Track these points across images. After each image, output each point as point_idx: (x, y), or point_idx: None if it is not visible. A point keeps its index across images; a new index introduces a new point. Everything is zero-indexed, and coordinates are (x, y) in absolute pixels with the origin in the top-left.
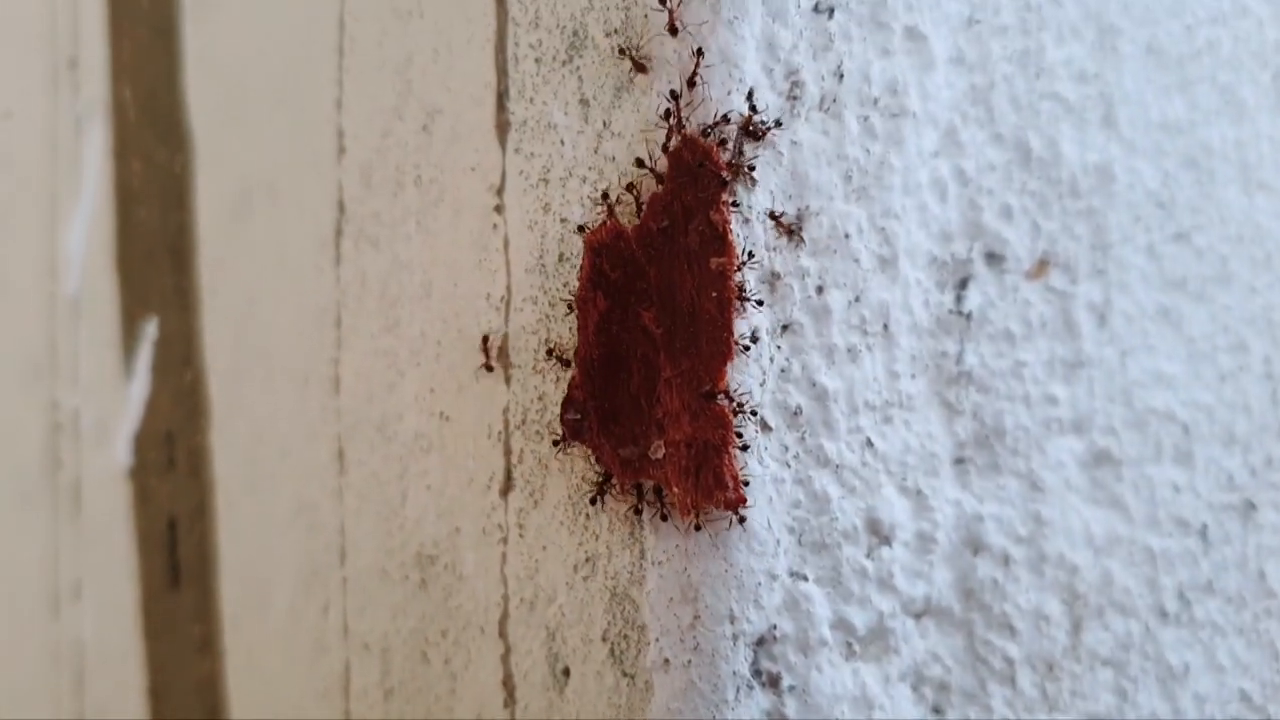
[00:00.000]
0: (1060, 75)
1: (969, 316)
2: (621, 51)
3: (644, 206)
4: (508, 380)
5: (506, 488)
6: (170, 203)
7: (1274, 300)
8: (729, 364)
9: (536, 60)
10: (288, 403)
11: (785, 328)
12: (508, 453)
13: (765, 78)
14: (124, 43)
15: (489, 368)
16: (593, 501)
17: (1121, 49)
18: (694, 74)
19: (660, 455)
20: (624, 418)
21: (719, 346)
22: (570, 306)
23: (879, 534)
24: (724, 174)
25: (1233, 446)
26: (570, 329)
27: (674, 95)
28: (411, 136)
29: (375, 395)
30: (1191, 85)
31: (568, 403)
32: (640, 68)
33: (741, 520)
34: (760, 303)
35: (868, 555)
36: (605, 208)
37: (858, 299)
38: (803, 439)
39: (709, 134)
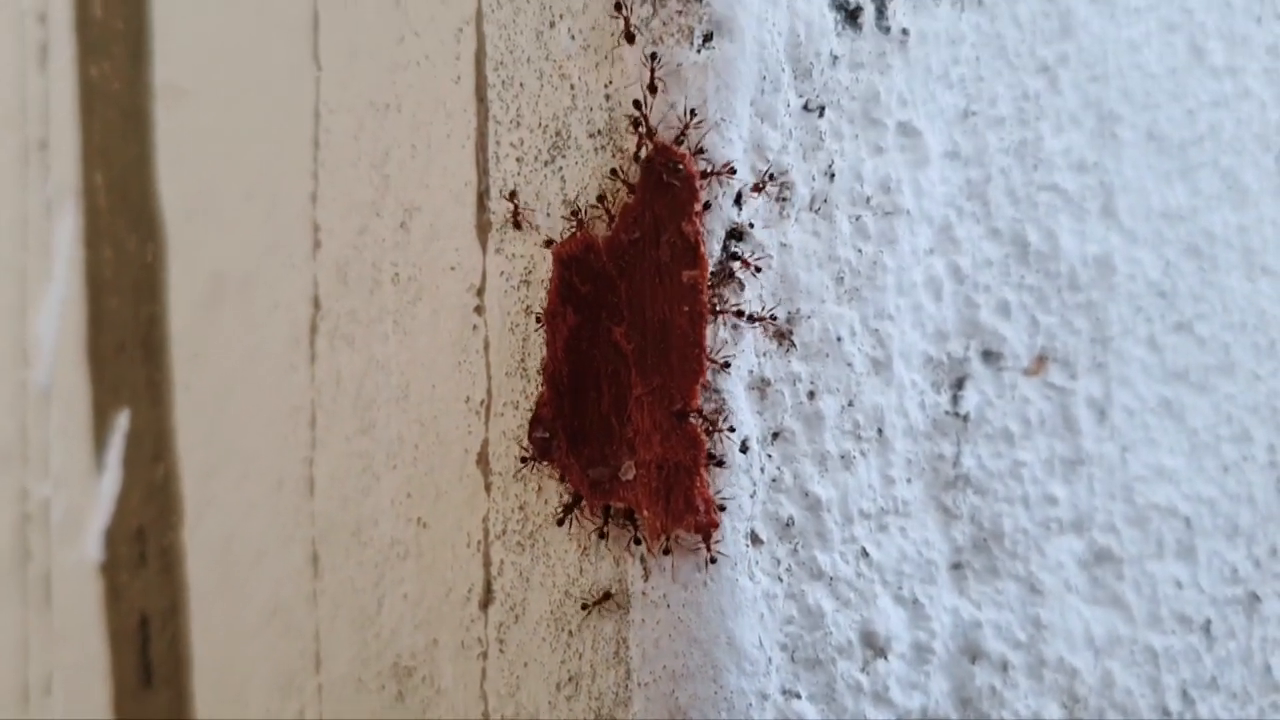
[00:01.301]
0: (1059, 165)
1: (966, 418)
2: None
3: (615, 218)
4: (487, 488)
5: (486, 600)
6: (142, 293)
7: (1278, 387)
8: (701, 381)
9: (518, 159)
10: (261, 503)
11: (776, 435)
12: (487, 564)
13: (754, 179)
14: (95, 125)
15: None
16: (560, 523)
17: (1122, 136)
18: (652, 79)
19: (630, 476)
20: (594, 437)
21: (691, 363)
22: (538, 319)
23: (874, 646)
24: (695, 182)
25: (1236, 539)
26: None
27: (637, 104)
28: (389, 233)
29: (350, 499)
30: (1193, 171)
31: (535, 421)
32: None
33: (713, 560)
34: (741, 313)
35: (863, 669)
36: (575, 221)
37: (851, 403)
38: (795, 551)
39: (681, 140)
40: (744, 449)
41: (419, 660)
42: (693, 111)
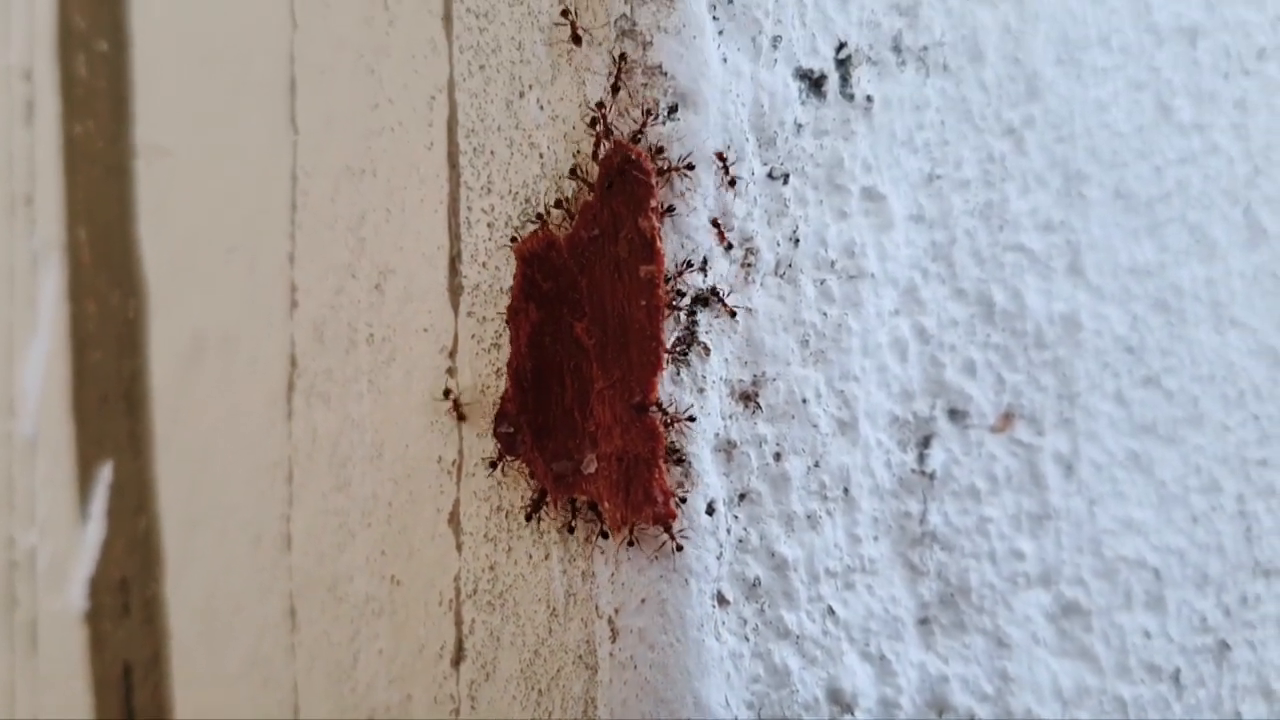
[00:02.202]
0: (1025, 226)
1: (932, 475)
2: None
3: (575, 216)
4: (459, 547)
5: (458, 658)
6: (124, 347)
7: (1247, 437)
8: (659, 374)
9: (489, 225)
10: (240, 557)
11: (743, 497)
12: (459, 622)
13: (719, 245)
14: (78, 181)
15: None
16: (528, 518)
17: (1089, 195)
18: (616, 80)
19: (593, 470)
20: (557, 431)
21: (649, 356)
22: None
23: (841, 703)
24: (651, 179)
25: (1206, 588)
26: (522, 496)
27: (599, 105)
28: (364, 295)
29: (327, 555)
30: (1161, 227)
31: (500, 416)
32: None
33: (679, 548)
34: (693, 313)
35: None
36: (536, 218)
37: (817, 464)
38: (762, 611)
39: (638, 139)
40: (710, 511)
41: (394, 714)
42: (649, 110)
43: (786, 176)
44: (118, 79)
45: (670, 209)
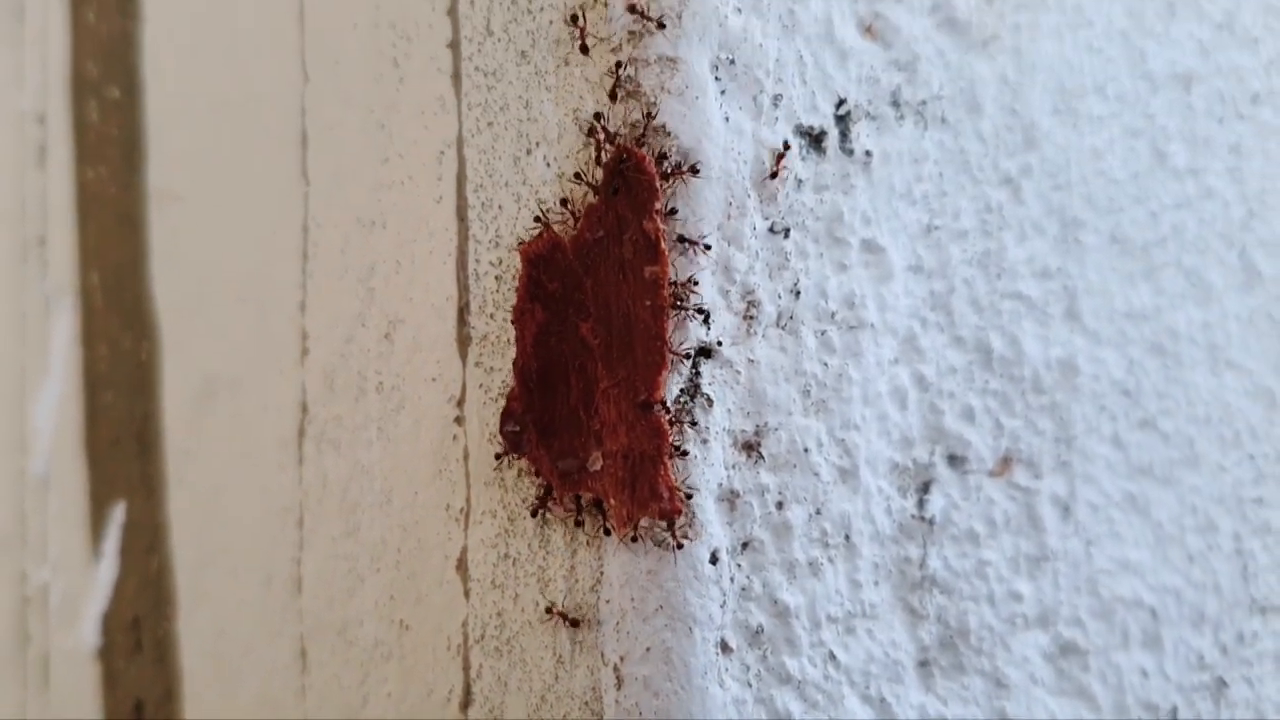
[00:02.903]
0: (1022, 273)
1: (931, 521)
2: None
3: (580, 219)
4: (466, 593)
5: (466, 702)
6: (136, 390)
7: (1243, 477)
8: (664, 373)
9: (497, 278)
10: (251, 598)
11: (745, 545)
12: (466, 667)
13: (722, 299)
14: (91, 226)
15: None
16: (534, 514)
17: (1085, 241)
18: (614, 88)
19: (598, 467)
20: (563, 430)
21: (654, 355)
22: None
23: None
24: (655, 181)
25: (1203, 626)
26: (528, 544)
27: (598, 116)
28: (374, 344)
29: (336, 598)
30: (1157, 271)
31: (506, 415)
32: None
33: (679, 546)
34: (702, 311)
35: None
36: (541, 222)
37: (819, 512)
38: (764, 658)
39: (641, 142)
40: (714, 560)
41: None
42: (650, 114)
43: (787, 231)
44: (130, 125)
45: (673, 211)
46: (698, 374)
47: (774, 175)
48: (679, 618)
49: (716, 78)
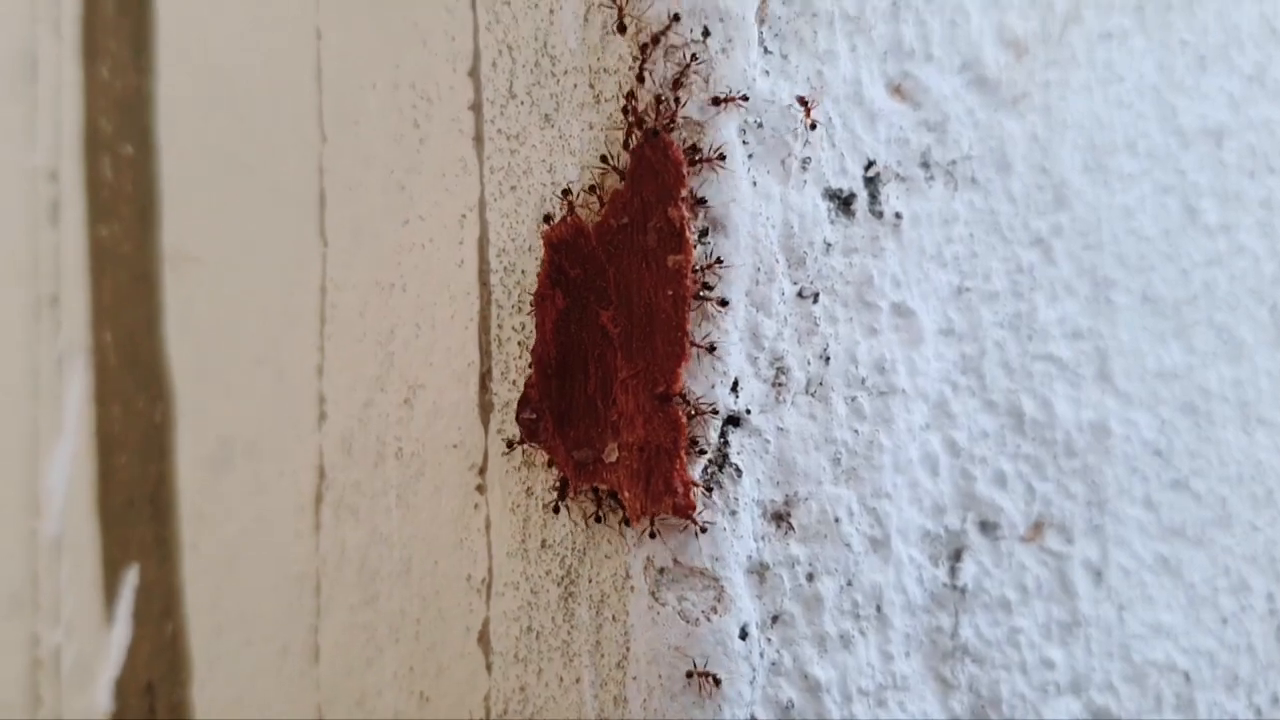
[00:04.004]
0: (1054, 335)
1: (963, 589)
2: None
3: (605, 204)
4: (489, 667)
5: None
6: (151, 451)
7: (1276, 536)
8: (684, 365)
9: (520, 344)
10: (268, 666)
11: (775, 619)
12: None
13: (750, 366)
14: (104, 284)
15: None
16: (555, 510)
17: (1116, 301)
18: (642, 69)
19: (614, 459)
20: (579, 419)
21: (674, 347)
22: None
23: None
24: (682, 168)
25: (1236, 689)
26: (552, 618)
27: (630, 95)
28: (393, 409)
29: (354, 669)
30: (1188, 329)
31: (523, 402)
32: None
33: (703, 530)
34: (724, 303)
35: None
36: (566, 204)
37: (850, 583)
38: None
39: (670, 127)
40: (743, 635)
41: None
42: (678, 99)
43: (816, 295)
44: (144, 184)
45: (702, 200)
46: (726, 443)
47: (812, 126)
48: (709, 696)
49: (744, 141)
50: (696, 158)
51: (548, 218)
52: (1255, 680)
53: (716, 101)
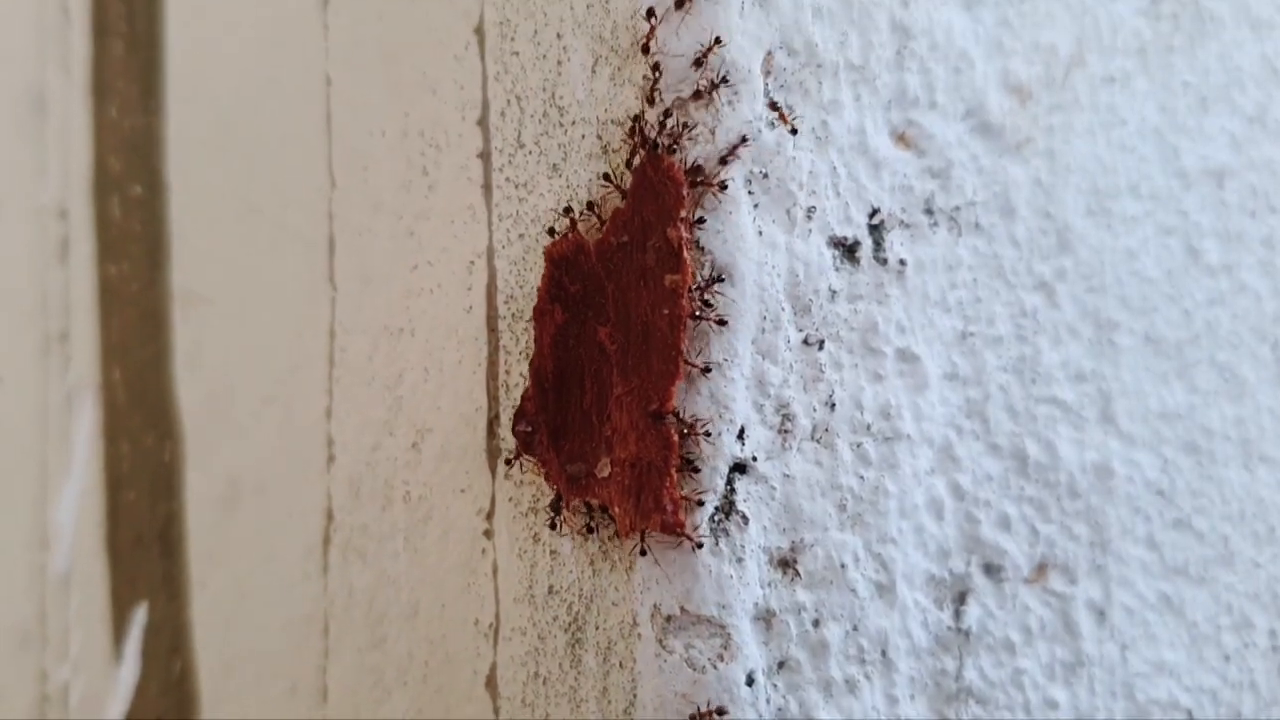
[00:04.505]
0: (1057, 378)
1: (968, 632)
2: None
3: (606, 222)
4: (496, 712)
5: None
6: (159, 490)
7: (1278, 573)
8: (677, 383)
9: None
10: (276, 706)
11: (781, 665)
12: None
13: (756, 414)
14: (113, 322)
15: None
16: (552, 525)
17: (1119, 342)
18: (652, 91)
19: (606, 474)
20: (574, 433)
21: (669, 365)
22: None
23: None
24: (683, 189)
25: None
26: (559, 664)
27: (636, 118)
28: (401, 452)
29: (362, 710)
30: (1190, 369)
31: (519, 414)
32: None
33: (699, 545)
34: (723, 322)
35: None
36: (568, 220)
37: (855, 628)
38: None
39: (673, 149)
40: (750, 682)
41: None
42: (685, 124)
43: (822, 342)
44: (153, 224)
45: (700, 221)
46: (733, 490)
47: (792, 131)
48: None
49: (750, 192)
50: (698, 179)
51: (551, 231)
52: (1258, 717)
53: (724, 161)
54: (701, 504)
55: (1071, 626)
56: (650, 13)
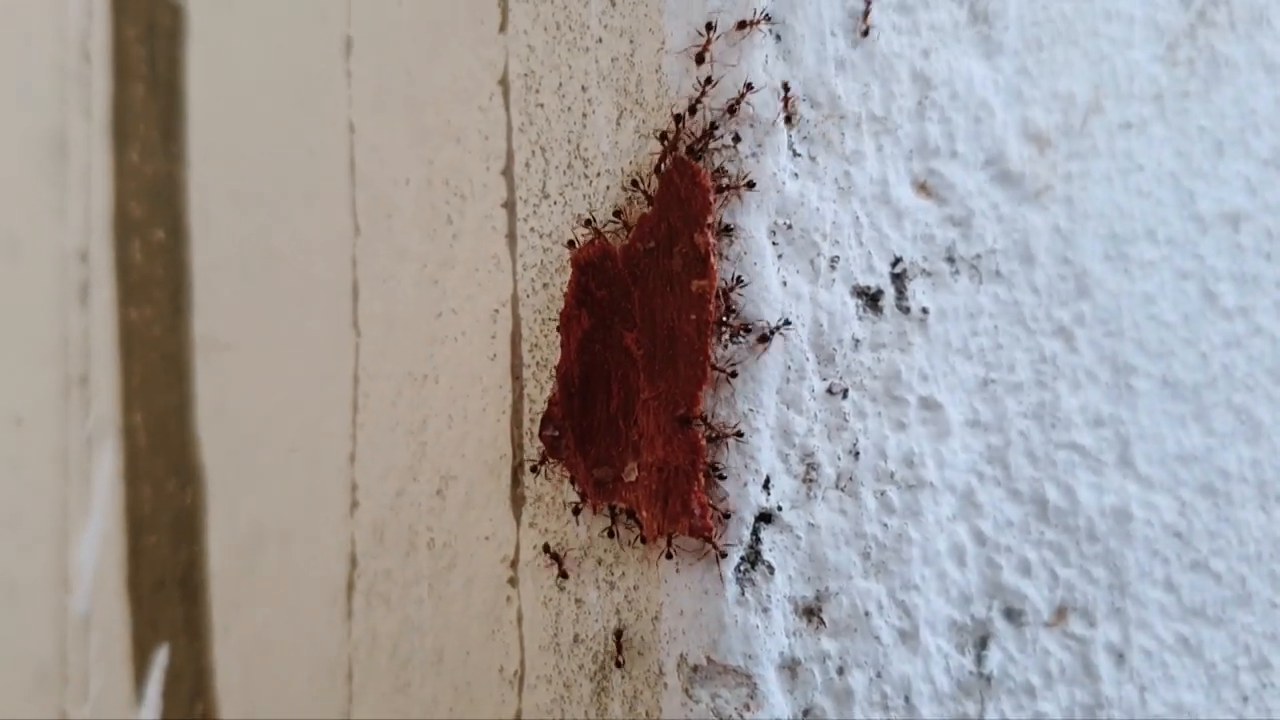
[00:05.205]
0: (1076, 423)
1: (989, 677)
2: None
3: (632, 228)
4: None
5: None
6: (181, 534)
7: None
8: (704, 388)
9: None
10: None
11: (807, 714)
12: None
13: (781, 463)
14: (134, 366)
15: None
16: (576, 512)
17: (1137, 387)
18: (697, 102)
19: (633, 478)
20: (600, 438)
21: (696, 370)
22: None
23: None
24: (710, 195)
25: None
26: (585, 712)
27: (677, 118)
28: (425, 499)
29: None
30: (1207, 412)
31: (546, 419)
32: None
33: (723, 555)
34: (748, 329)
35: None
36: (592, 231)
37: (879, 675)
38: None
39: (699, 155)
40: None
41: None
42: (714, 126)
43: (845, 391)
44: (175, 268)
45: (727, 228)
46: (758, 540)
47: (788, 119)
48: None
49: (774, 243)
50: (724, 184)
51: (571, 244)
52: None
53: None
54: (728, 516)
55: (1091, 669)
56: (710, 26)
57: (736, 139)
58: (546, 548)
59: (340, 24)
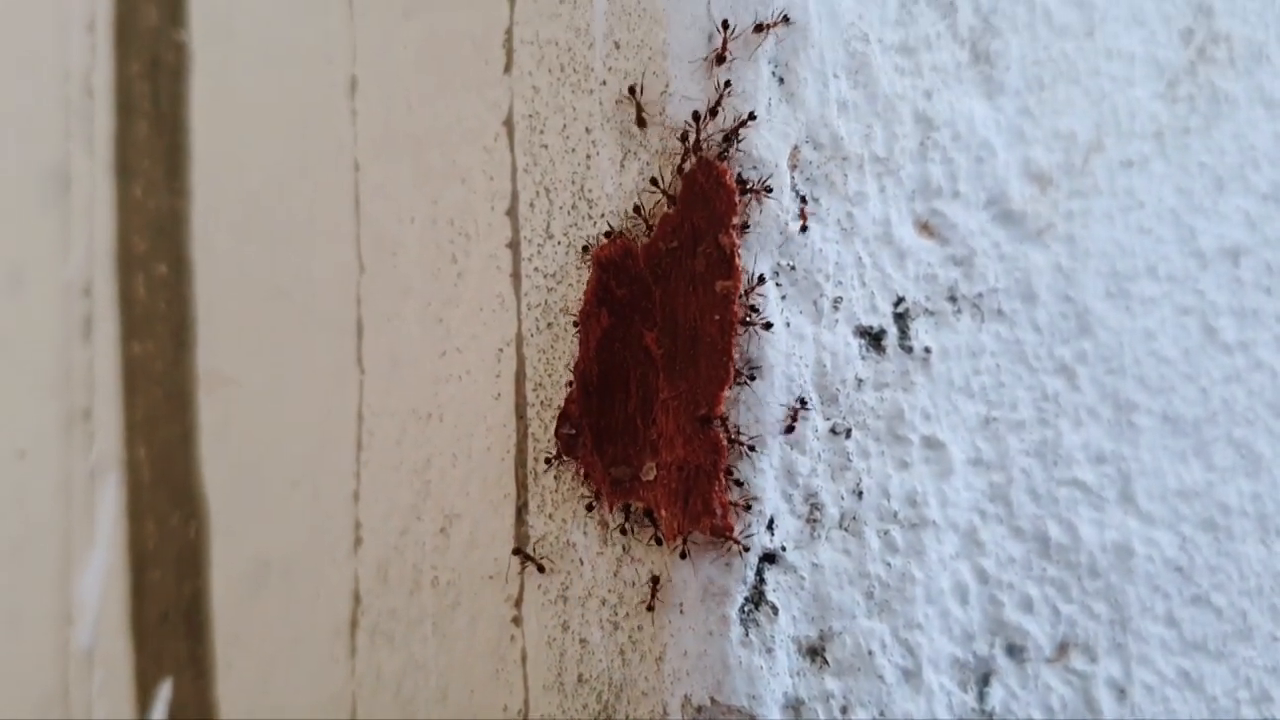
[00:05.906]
0: (1078, 460)
1: (991, 714)
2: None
3: (654, 227)
4: None
5: None
6: (185, 568)
7: None
8: (727, 388)
9: (556, 478)
10: None
11: None
12: None
13: (785, 504)
14: (137, 400)
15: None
16: (589, 509)
17: (1138, 423)
18: (719, 103)
19: (651, 477)
20: (618, 437)
21: (718, 371)
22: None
23: None
24: (734, 196)
25: None
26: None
27: (696, 116)
28: (429, 537)
29: None
30: (1208, 447)
31: (563, 417)
32: None
33: (745, 549)
34: (769, 326)
35: None
36: (609, 228)
37: (882, 714)
38: None
39: (724, 156)
40: None
41: None
42: (741, 122)
43: (849, 431)
44: (178, 304)
45: (746, 226)
46: (762, 581)
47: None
48: None
49: (778, 284)
50: (746, 187)
51: (585, 248)
52: None
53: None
54: (749, 507)
55: (1093, 705)
56: (725, 24)
57: (741, 180)
58: (518, 550)
59: (345, 63)
